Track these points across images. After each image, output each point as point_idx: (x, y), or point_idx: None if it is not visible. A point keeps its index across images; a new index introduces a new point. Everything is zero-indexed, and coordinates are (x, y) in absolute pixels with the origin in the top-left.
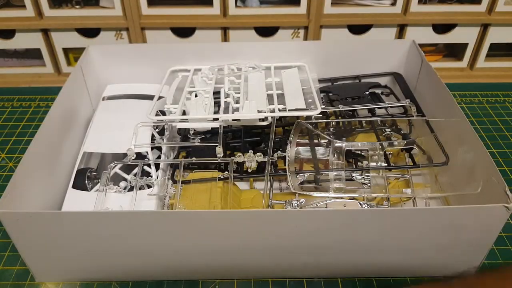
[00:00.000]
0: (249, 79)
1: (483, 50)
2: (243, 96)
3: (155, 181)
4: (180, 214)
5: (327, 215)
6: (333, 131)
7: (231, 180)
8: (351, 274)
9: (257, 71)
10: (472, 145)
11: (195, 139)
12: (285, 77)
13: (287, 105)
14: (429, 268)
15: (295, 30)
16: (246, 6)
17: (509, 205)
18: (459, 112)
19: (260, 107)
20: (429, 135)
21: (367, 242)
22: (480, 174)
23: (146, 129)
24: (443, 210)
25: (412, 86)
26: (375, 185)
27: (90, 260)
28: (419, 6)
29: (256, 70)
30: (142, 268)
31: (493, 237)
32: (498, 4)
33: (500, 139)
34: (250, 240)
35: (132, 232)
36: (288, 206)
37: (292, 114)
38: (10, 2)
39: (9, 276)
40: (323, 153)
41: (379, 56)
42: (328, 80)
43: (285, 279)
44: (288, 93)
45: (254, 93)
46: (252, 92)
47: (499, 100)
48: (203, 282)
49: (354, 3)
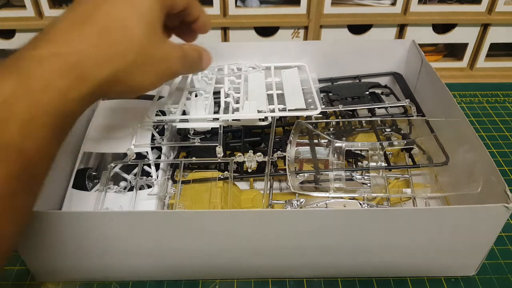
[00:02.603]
0: (249, 79)
1: (483, 50)
2: (243, 96)
3: (155, 181)
4: (180, 214)
5: (327, 215)
6: (333, 131)
7: (231, 180)
8: (351, 274)
9: (257, 71)
10: (472, 145)
11: (195, 139)
12: (285, 77)
13: (287, 105)
14: (429, 268)
15: (295, 30)
16: (246, 6)
17: (509, 205)
18: (459, 112)
19: (260, 107)
20: (429, 135)
21: (367, 242)
22: (480, 174)
23: (146, 129)
24: (443, 210)
25: (412, 86)
26: (375, 185)
27: (90, 260)
28: (419, 6)
29: (256, 70)
30: (142, 268)
31: (493, 237)
32: (498, 4)
33: (500, 139)
34: (250, 240)
35: (132, 232)
36: (288, 206)
37: (292, 114)
38: (10, 2)
39: (9, 276)
40: (323, 153)
41: (379, 56)
42: (328, 80)
43: (285, 279)
44: (288, 93)
45: (254, 93)
46: (252, 92)
47: (499, 100)
48: (203, 282)
49: (354, 3)
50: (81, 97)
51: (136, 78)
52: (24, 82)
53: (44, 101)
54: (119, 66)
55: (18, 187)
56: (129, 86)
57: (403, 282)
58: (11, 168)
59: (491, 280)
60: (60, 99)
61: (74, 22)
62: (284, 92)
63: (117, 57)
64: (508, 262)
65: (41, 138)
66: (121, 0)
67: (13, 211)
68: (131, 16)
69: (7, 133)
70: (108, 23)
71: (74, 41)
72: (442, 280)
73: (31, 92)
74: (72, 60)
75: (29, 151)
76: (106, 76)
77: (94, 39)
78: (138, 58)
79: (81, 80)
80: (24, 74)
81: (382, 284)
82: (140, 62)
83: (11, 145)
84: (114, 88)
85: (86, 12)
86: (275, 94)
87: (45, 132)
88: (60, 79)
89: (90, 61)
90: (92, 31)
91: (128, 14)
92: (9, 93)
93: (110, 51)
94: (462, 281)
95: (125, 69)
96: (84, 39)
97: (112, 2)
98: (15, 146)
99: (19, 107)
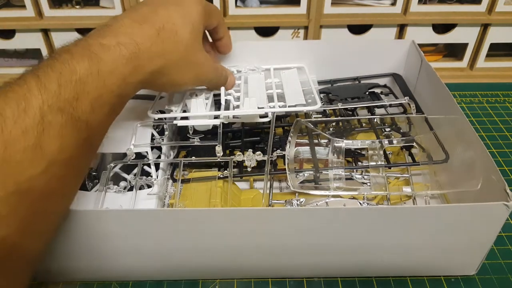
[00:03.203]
0: (249, 80)
1: (483, 50)
2: (243, 96)
3: (155, 180)
4: (179, 212)
5: (327, 213)
6: (332, 131)
7: (230, 179)
8: (351, 274)
9: (257, 72)
10: (471, 143)
11: (194, 138)
12: (284, 77)
13: (288, 102)
14: (429, 267)
15: (295, 30)
16: (246, 6)
17: (508, 203)
18: (459, 112)
19: (260, 104)
20: (428, 133)
21: (367, 241)
22: (480, 171)
23: (146, 129)
24: (443, 208)
25: (412, 86)
26: (375, 183)
27: (90, 260)
28: (419, 6)
29: (256, 72)
30: (142, 268)
31: (493, 236)
32: (498, 4)
33: (500, 139)
34: (250, 239)
35: (132, 232)
36: (288, 206)
37: (292, 110)
38: (10, 2)
39: None
40: (323, 153)
41: (379, 56)
42: (327, 82)
43: (285, 279)
44: (288, 92)
45: (254, 93)
46: (252, 92)
47: (499, 100)
48: (203, 282)
49: (354, 3)
50: (136, 82)
51: (178, 73)
52: (95, 65)
53: (110, 83)
54: (167, 61)
55: (82, 153)
56: (171, 79)
57: (403, 282)
58: (80, 137)
59: (491, 280)
60: (122, 83)
61: (136, 20)
62: (284, 92)
63: (167, 53)
64: (508, 262)
65: (103, 114)
66: (175, 9)
67: (76, 174)
68: (181, 23)
69: (79, 107)
70: (162, 25)
71: (135, 35)
72: (442, 280)
73: (101, 74)
74: (133, 51)
75: (93, 124)
76: (157, 68)
77: (151, 36)
78: (182, 58)
79: (139, 68)
80: (95, 58)
81: (382, 284)
82: (183, 61)
83: (81, 118)
84: (160, 80)
85: (146, 13)
86: (275, 93)
87: (107, 109)
88: (124, 66)
89: (146, 54)
90: (150, 30)
91: (179, 21)
92: (83, 73)
93: (162, 48)
94: (462, 281)
95: (171, 64)
96: (143, 35)
97: (168, 9)
98: (84, 119)
99: (91, 85)
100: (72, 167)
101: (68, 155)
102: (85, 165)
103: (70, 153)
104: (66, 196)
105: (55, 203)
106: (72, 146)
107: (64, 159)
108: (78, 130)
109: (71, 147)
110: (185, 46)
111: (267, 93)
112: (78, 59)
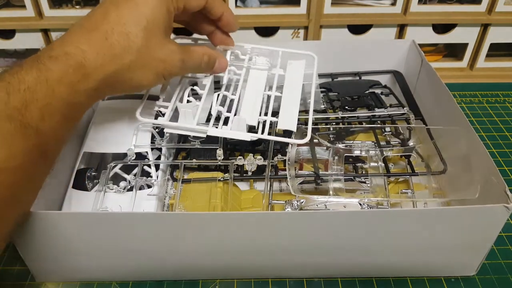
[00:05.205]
0: (250, 74)
1: (483, 50)
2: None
3: (155, 181)
4: (179, 216)
5: (327, 216)
6: (333, 131)
7: (231, 182)
8: (351, 274)
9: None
10: (472, 146)
11: (195, 141)
12: (289, 72)
13: (279, 122)
14: (429, 268)
15: (295, 30)
16: (246, 6)
17: (509, 205)
18: (459, 112)
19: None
20: (428, 141)
21: (367, 243)
22: (478, 178)
23: (146, 129)
24: (443, 211)
25: (412, 86)
26: (375, 185)
27: (90, 260)
28: (419, 6)
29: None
30: (142, 268)
31: (493, 237)
32: (498, 4)
33: (500, 139)
34: (250, 240)
35: (132, 233)
36: (288, 207)
37: (280, 139)
38: (10, 2)
39: (9, 276)
40: (323, 153)
41: (379, 56)
42: (328, 76)
43: (285, 279)
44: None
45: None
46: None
47: (499, 100)
48: (203, 282)
49: (354, 3)
50: (89, 90)
51: (134, 77)
52: (44, 74)
53: (59, 90)
54: (118, 66)
55: (33, 160)
56: (129, 83)
57: (403, 282)
58: (29, 144)
59: (491, 280)
60: (71, 91)
61: (85, 26)
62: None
63: (117, 58)
64: (508, 262)
65: (55, 121)
66: (126, 7)
67: (29, 181)
68: (132, 22)
69: (29, 114)
70: (112, 28)
71: (82, 43)
72: (442, 280)
73: (49, 82)
74: (79, 60)
75: (44, 131)
76: (109, 73)
77: (97, 43)
78: (136, 59)
79: (87, 76)
80: (43, 69)
81: (382, 284)
82: (139, 63)
83: (30, 124)
84: (116, 85)
85: (97, 18)
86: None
87: (58, 117)
88: (71, 74)
89: (93, 61)
90: (97, 37)
91: (130, 20)
92: (32, 82)
93: (110, 53)
94: (462, 281)
95: (125, 68)
96: (90, 42)
97: (118, 9)
98: (33, 125)
99: (39, 93)
100: (22, 174)
101: (17, 162)
102: (39, 172)
103: (20, 160)
104: (20, 203)
105: (7, 210)
106: (21, 153)
107: (14, 167)
108: (27, 137)
109: (21, 155)
110: (138, 47)
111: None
112: (27, 70)
